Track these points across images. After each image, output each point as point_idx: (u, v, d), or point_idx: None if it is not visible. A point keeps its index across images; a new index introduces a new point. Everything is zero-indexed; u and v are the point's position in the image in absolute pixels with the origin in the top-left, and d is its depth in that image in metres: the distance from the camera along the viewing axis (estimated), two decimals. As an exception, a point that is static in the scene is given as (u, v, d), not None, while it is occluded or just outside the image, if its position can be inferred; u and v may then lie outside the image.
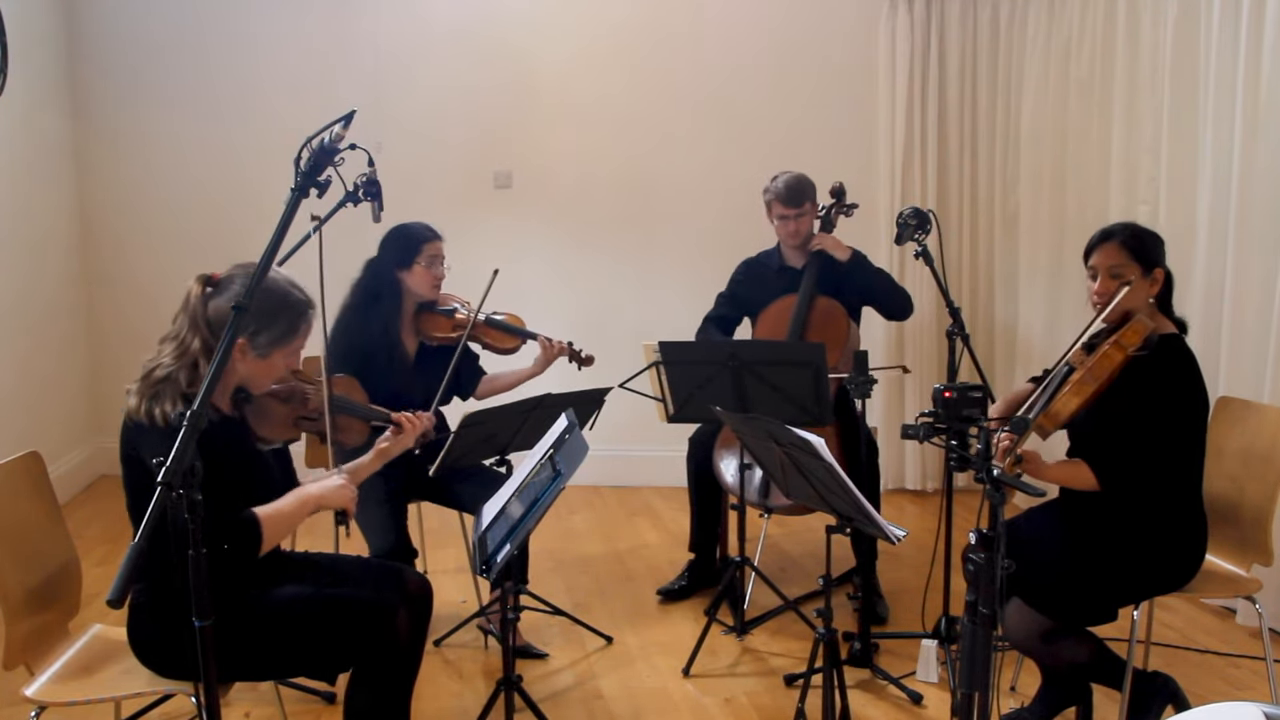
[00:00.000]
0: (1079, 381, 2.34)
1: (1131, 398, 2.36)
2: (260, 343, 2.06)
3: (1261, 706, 1.21)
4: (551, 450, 2.23)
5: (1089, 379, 2.34)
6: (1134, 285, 2.40)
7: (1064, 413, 2.34)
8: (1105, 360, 2.34)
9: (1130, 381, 2.36)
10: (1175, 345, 2.41)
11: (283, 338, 2.08)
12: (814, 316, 3.45)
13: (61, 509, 2.37)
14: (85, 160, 4.96)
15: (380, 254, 3.18)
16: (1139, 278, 2.42)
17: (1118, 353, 2.33)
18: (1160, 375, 2.36)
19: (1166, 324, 2.47)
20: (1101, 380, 2.34)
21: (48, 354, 4.67)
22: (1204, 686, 2.90)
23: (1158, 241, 2.48)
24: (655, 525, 4.47)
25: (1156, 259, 2.45)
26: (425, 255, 3.14)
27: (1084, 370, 2.35)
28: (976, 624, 1.77)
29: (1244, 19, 3.24)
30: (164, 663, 2.07)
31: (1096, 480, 2.39)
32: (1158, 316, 2.47)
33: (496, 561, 2.09)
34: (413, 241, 3.15)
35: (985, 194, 4.79)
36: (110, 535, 4.12)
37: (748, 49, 4.85)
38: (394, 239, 3.17)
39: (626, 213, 4.96)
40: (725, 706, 2.87)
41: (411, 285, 3.16)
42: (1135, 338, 2.34)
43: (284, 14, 4.86)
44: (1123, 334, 2.35)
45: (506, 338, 3.32)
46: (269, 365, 2.10)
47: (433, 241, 3.17)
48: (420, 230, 3.18)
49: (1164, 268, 2.47)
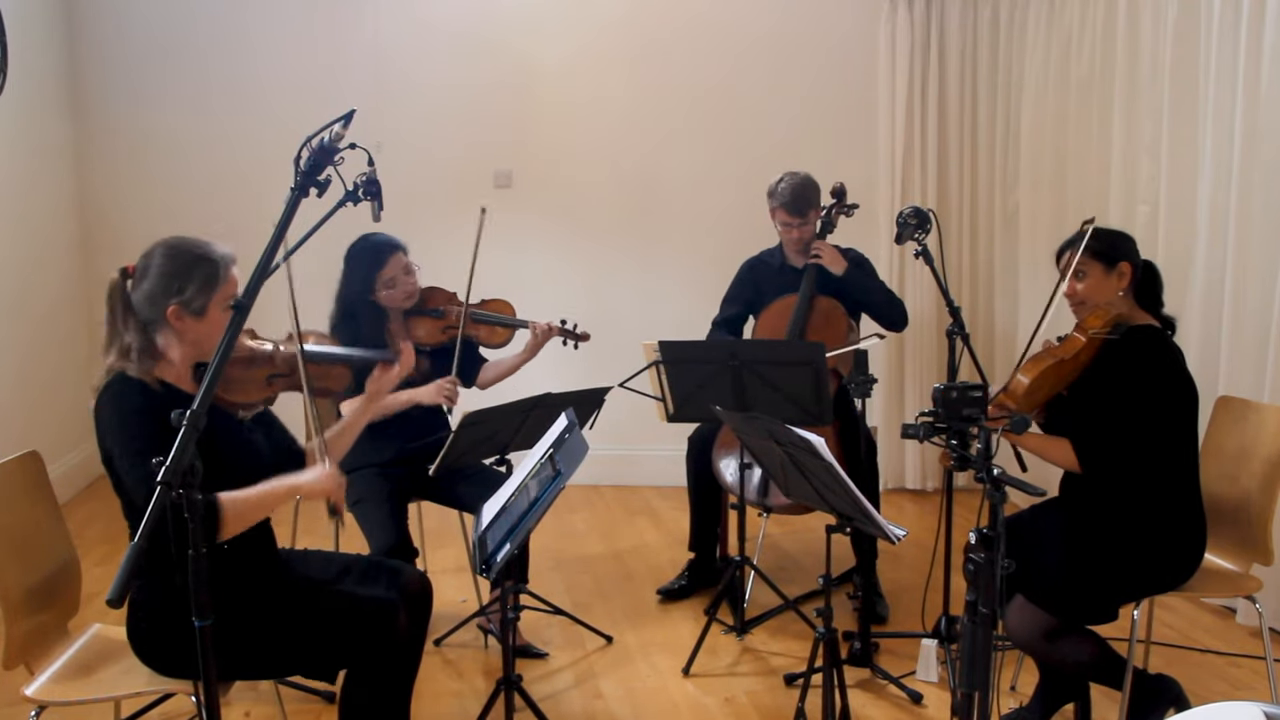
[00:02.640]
0: (1034, 356, 2.45)
1: (1102, 379, 2.43)
2: (189, 301, 2.07)
3: (1261, 706, 1.21)
4: (551, 450, 2.23)
5: (1045, 355, 2.45)
6: (1092, 279, 2.49)
7: (1019, 387, 2.43)
8: (1067, 341, 2.46)
9: (1102, 366, 2.44)
10: (1148, 333, 2.46)
11: (207, 287, 2.09)
12: (814, 316, 3.45)
13: (61, 509, 2.37)
14: (85, 160, 4.96)
15: (344, 277, 3.12)
16: (1101, 274, 2.50)
17: (1079, 334, 2.44)
18: (1131, 359, 2.41)
19: (1142, 315, 2.52)
20: (1060, 358, 2.42)
21: (48, 354, 4.66)
22: (1204, 686, 2.90)
23: (1121, 238, 2.56)
24: (655, 525, 4.47)
25: (1120, 254, 2.51)
26: (383, 279, 3.07)
27: (1043, 348, 2.47)
28: (976, 624, 1.77)
29: (1244, 19, 3.23)
30: (163, 661, 2.07)
31: (1077, 459, 2.44)
32: (1136, 311, 2.52)
33: (496, 561, 2.09)
34: (365, 271, 3.06)
35: (985, 194, 4.79)
36: (110, 535, 4.12)
37: (747, 49, 4.85)
38: (350, 265, 3.10)
39: (626, 212, 4.96)
40: (725, 706, 2.87)
41: (384, 303, 3.13)
42: (1096, 321, 2.44)
43: (284, 14, 4.86)
44: (1085, 319, 2.46)
45: (496, 331, 3.28)
46: (209, 322, 2.10)
47: (385, 265, 3.07)
48: (372, 254, 3.06)
49: (1131, 262, 2.52)
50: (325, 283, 3.09)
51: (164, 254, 2.10)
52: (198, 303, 2.08)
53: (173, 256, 2.09)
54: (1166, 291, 2.61)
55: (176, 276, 2.07)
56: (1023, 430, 2.32)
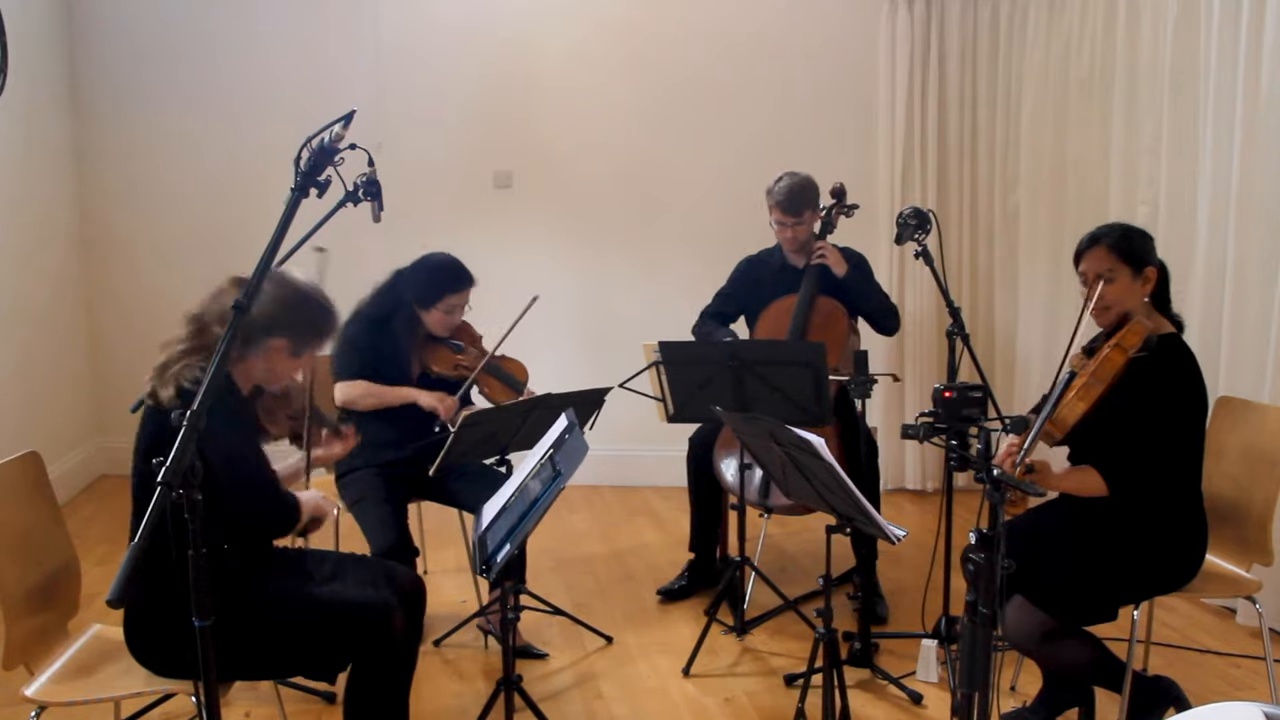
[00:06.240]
0: (1084, 386, 2.33)
1: (1134, 400, 2.35)
2: (298, 347, 2.18)
3: (1261, 706, 1.21)
4: (551, 450, 2.23)
5: (1094, 382, 2.32)
6: (1120, 284, 2.41)
7: (1070, 418, 2.32)
8: (1107, 364, 2.33)
9: (1131, 383, 2.35)
10: (1175, 345, 2.41)
11: (313, 344, 2.24)
12: (815, 317, 3.45)
13: (61, 509, 2.37)
14: (85, 160, 4.95)
15: (407, 275, 3.16)
16: (1129, 278, 2.42)
17: (1119, 355, 2.32)
18: (1161, 376, 2.35)
19: (1164, 323, 2.47)
20: (1105, 383, 2.32)
21: (48, 354, 4.66)
22: (1204, 686, 2.90)
23: (1146, 240, 2.47)
24: (655, 525, 4.47)
25: (1146, 258, 2.44)
26: (446, 303, 3.13)
27: (1087, 374, 2.34)
28: (976, 624, 1.77)
29: (1244, 19, 3.23)
30: (160, 661, 2.07)
31: (1106, 485, 2.38)
32: (1155, 315, 2.47)
33: (496, 561, 2.09)
34: (438, 288, 3.12)
35: (985, 194, 4.79)
36: (110, 535, 4.12)
37: (747, 50, 4.85)
38: (423, 273, 3.14)
39: (627, 213, 4.96)
40: (725, 706, 2.87)
41: (426, 321, 3.16)
42: (1135, 339, 2.33)
43: (284, 14, 4.86)
44: (1123, 336, 2.34)
45: (503, 391, 3.27)
46: (294, 365, 2.22)
47: (460, 292, 3.14)
48: (450, 279, 3.13)
49: (1155, 265, 2.46)
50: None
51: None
52: (300, 353, 2.22)
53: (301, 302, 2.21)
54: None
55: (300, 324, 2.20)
56: (1021, 430, 2.32)
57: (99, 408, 5.01)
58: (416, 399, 3.09)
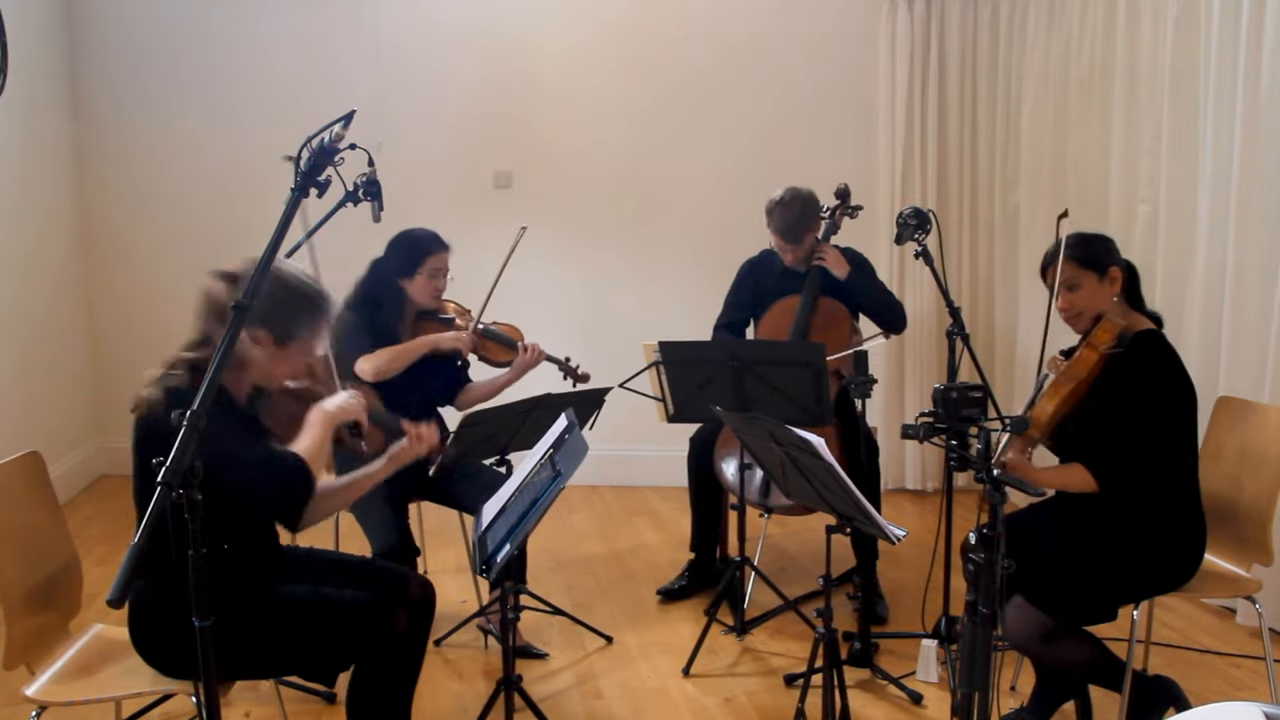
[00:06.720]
0: (1054, 384, 2.42)
1: (1113, 394, 2.39)
2: (281, 334, 2.09)
3: (1261, 706, 1.21)
4: (551, 450, 2.23)
5: (1064, 380, 2.41)
6: (1087, 289, 2.47)
7: (1043, 416, 2.41)
8: (1080, 362, 2.41)
9: (1110, 379, 2.40)
10: (1151, 340, 2.44)
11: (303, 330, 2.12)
12: (817, 318, 3.44)
13: (61, 509, 2.37)
14: (85, 160, 4.95)
15: (385, 257, 3.17)
16: (1095, 282, 2.47)
17: (1091, 353, 2.40)
18: (1139, 370, 2.39)
19: (1140, 320, 2.50)
20: (1078, 380, 2.40)
21: (48, 354, 4.66)
22: (1204, 686, 2.90)
23: (1106, 242, 2.53)
24: (655, 525, 4.47)
25: (1108, 259, 2.49)
26: (428, 267, 3.13)
27: (1058, 373, 2.44)
28: (976, 624, 1.77)
29: (1244, 19, 3.23)
30: (165, 660, 2.07)
31: (1094, 481, 2.40)
32: (1130, 314, 2.50)
33: (496, 561, 2.09)
34: (417, 252, 3.13)
35: (985, 194, 4.79)
36: (110, 535, 4.12)
37: (747, 50, 4.85)
38: (400, 245, 3.15)
39: (627, 213, 4.96)
40: (725, 706, 2.87)
41: (411, 293, 3.16)
42: (1107, 336, 2.41)
43: (284, 14, 4.85)
44: (1094, 334, 2.42)
45: (502, 351, 3.30)
46: (286, 357, 2.12)
47: (438, 254, 3.14)
48: (427, 241, 3.14)
49: (1120, 265, 2.50)
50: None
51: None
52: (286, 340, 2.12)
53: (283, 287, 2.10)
54: (1167, 291, 2.61)
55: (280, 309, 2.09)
56: (1022, 430, 2.33)
57: (99, 408, 5.01)
58: (438, 343, 3.12)
